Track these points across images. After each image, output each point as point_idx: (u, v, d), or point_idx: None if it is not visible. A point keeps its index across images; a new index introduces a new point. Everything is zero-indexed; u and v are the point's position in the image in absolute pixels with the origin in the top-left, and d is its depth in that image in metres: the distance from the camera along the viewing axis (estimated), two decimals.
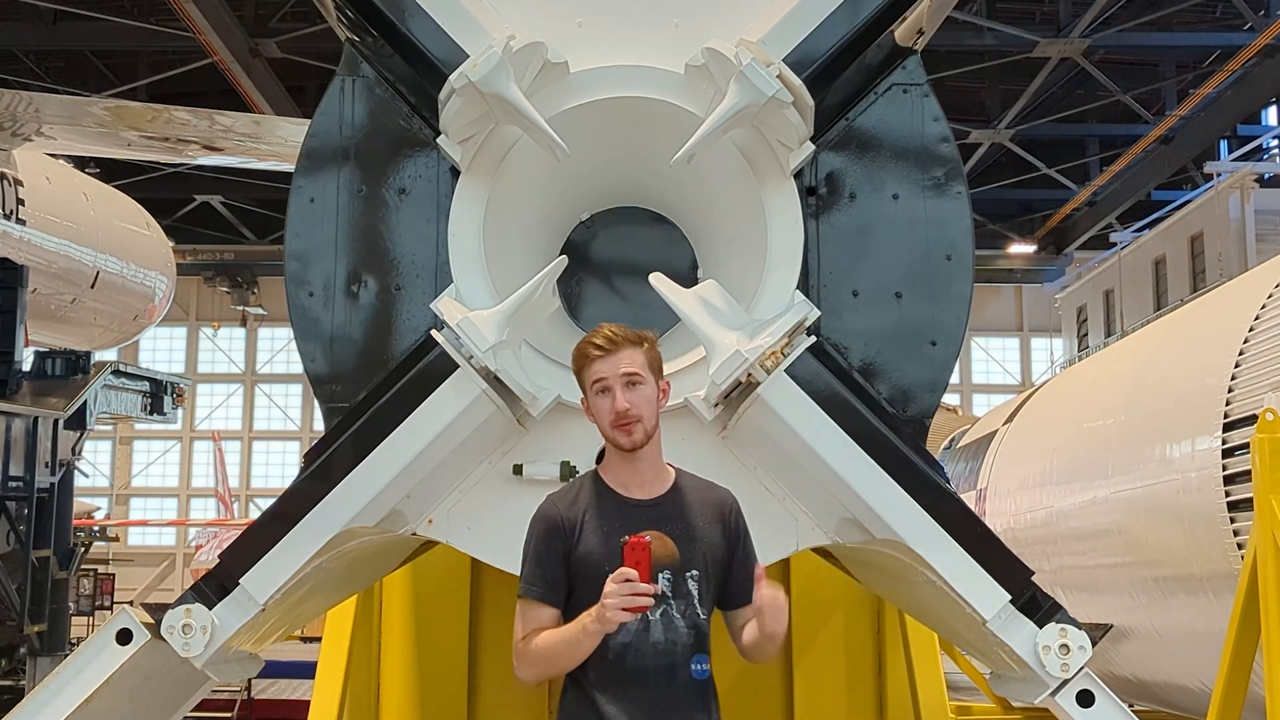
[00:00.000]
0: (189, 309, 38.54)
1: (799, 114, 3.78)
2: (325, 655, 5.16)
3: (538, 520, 3.32)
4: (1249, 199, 18.15)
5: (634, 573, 2.99)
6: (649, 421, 3.23)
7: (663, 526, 3.22)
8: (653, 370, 3.27)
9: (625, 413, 3.20)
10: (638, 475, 3.29)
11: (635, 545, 3.01)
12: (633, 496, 3.28)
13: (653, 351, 3.31)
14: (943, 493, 3.76)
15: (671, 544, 3.21)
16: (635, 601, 2.99)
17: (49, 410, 12.79)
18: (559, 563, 3.24)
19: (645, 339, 3.30)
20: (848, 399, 3.79)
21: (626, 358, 3.23)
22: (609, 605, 2.99)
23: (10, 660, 12.41)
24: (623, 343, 3.24)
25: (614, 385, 3.22)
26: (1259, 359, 6.31)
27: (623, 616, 3.01)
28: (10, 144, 12.81)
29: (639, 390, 3.22)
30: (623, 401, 3.20)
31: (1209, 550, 6.32)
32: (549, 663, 3.22)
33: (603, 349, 3.24)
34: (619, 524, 3.20)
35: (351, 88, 4.06)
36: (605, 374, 3.23)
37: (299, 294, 3.98)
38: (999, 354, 39.20)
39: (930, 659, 5.51)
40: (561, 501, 3.33)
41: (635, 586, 2.98)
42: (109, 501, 38.10)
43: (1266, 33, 21.41)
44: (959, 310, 3.99)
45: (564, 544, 3.25)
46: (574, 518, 3.26)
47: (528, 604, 3.28)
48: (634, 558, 3.00)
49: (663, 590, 3.16)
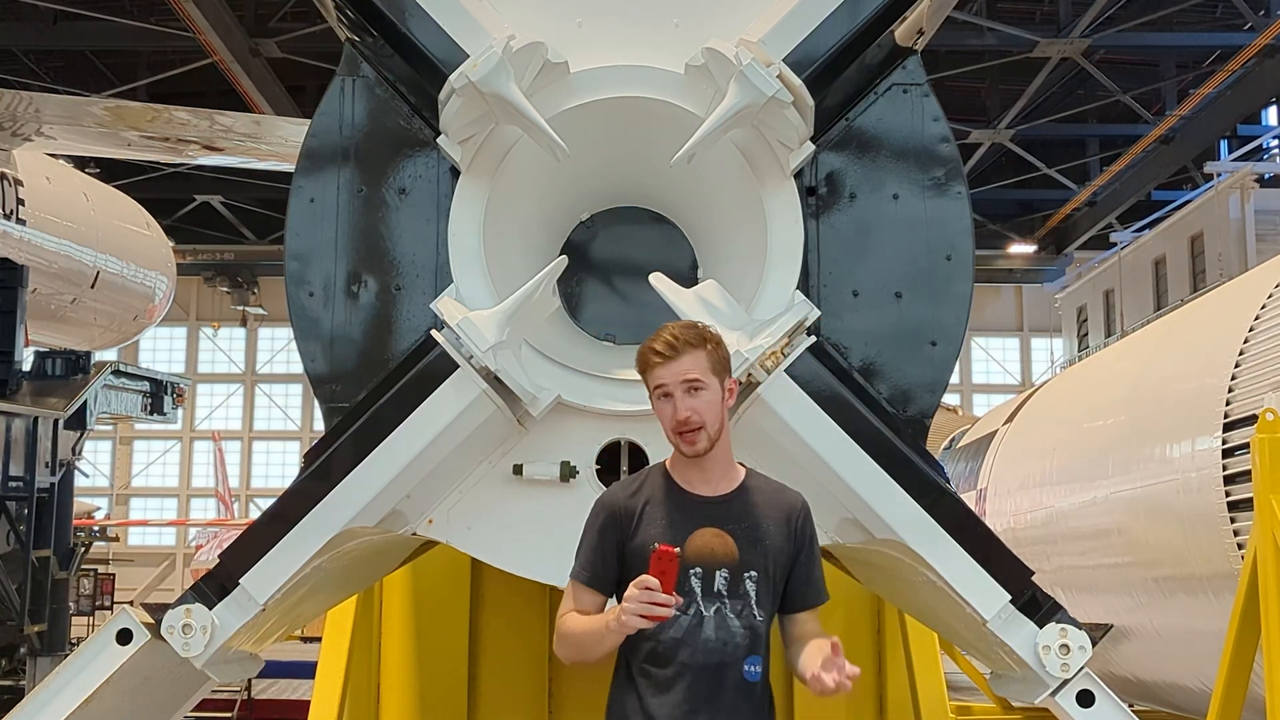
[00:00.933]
0: (189, 309, 38.54)
1: (799, 114, 3.78)
2: (325, 655, 5.16)
3: (598, 506, 3.30)
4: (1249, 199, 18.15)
5: (656, 582, 2.96)
6: (712, 427, 3.19)
7: (725, 525, 3.20)
8: (716, 372, 3.21)
9: (686, 421, 3.17)
10: (704, 473, 3.26)
11: (663, 554, 2.98)
12: (697, 492, 3.25)
13: (717, 351, 3.24)
14: (943, 493, 3.76)
15: (731, 543, 3.17)
16: (653, 610, 2.96)
17: (49, 410, 12.80)
18: (612, 550, 3.23)
19: (709, 339, 3.23)
20: (848, 399, 3.79)
21: (688, 363, 3.17)
22: (626, 610, 2.98)
23: (10, 660, 12.42)
24: (684, 347, 3.18)
25: (675, 392, 3.17)
26: (1259, 359, 6.31)
27: (639, 623, 2.99)
28: (10, 144, 12.82)
29: (700, 396, 3.17)
30: (683, 410, 3.16)
31: (1209, 550, 6.32)
32: (577, 647, 3.21)
33: (663, 355, 3.19)
34: (680, 518, 3.18)
35: (351, 88, 4.06)
36: (666, 380, 3.18)
37: (299, 294, 3.98)
38: (999, 354, 39.20)
39: (930, 659, 5.51)
40: (624, 490, 3.31)
41: (655, 596, 2.95)
42: (109, 501, 38.10)
43: (1266, 33, 21.41)
44: (959, 310, 3.99)
45: (619, 533, 3.23)
46: (634, 508, 3.24)
47: (575, 585, 3.26)
48: (659, 567, 2.98)
49: (720, 589, 3.15)
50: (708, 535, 3.16)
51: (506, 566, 3.98)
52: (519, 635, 5.46)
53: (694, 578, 3.15)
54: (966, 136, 25.84)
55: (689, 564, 3.13)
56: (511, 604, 5.45)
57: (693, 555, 3.15)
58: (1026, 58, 23.31)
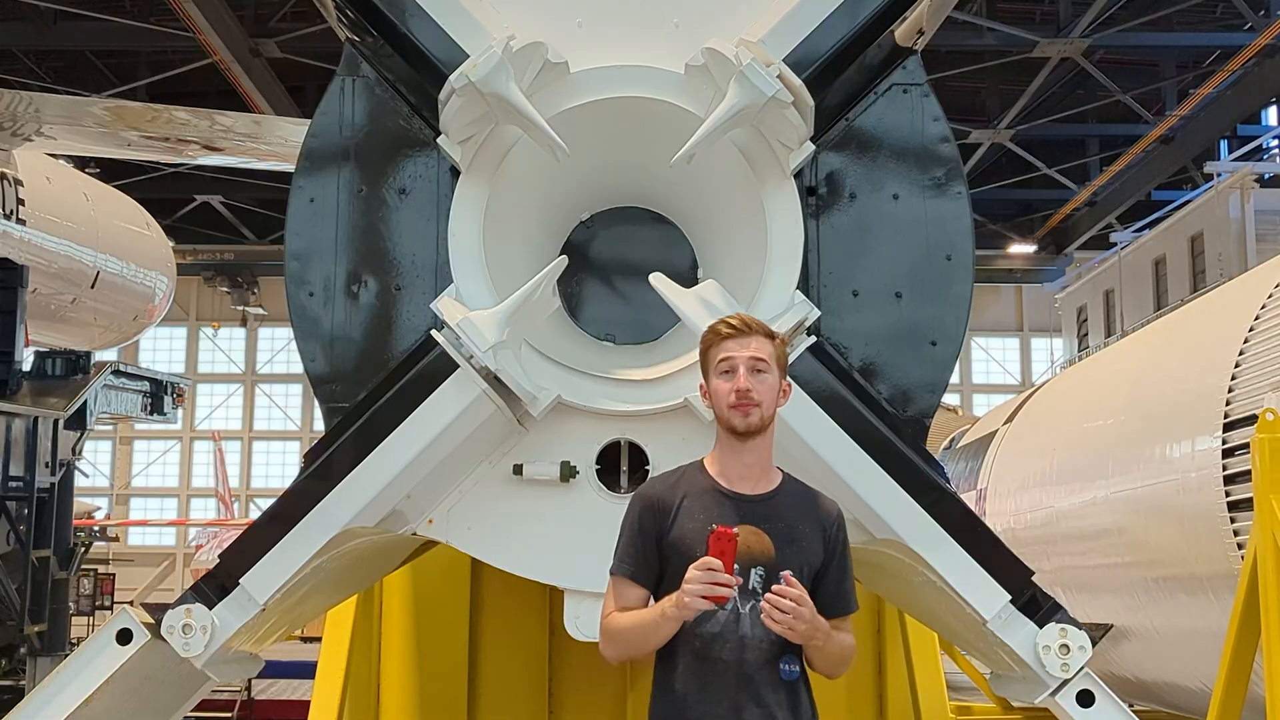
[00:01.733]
0: (189, 309, 38.55)
1: (799, 114, 3.78)
2: (325, 655, 5.16)
3: (636, 499, 3.31)
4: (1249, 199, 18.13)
5: (718, 562, 2.97)
6: (767, 410, 3.21)
7: (762, 524, 3.19)
8: (778, 364, 3.25)
9: (746, 393, 3.17)
10: (744, 469, 3.25)
11: (722, 535, 2.99)
12: (735, 489, 3.24)
13: (781, 350, 3.29)
14: (943, 493, 3.77)
15: (769, 541, 3.17)
16: (716, 591, 2.97)
17: (49, 410, 12.80)
18: (651, 543, 3.22)
19: (777, 335, 3.30)
20: (848, 399, 3.80)
21: (757, 344, 3.22)
22: (689, 592, 2.98)
23: (10, 660, 12.42)
24: (757, 330, 3.24)
25: (740, 366, 3.20)
26: (1259, 359, 6.32)
27: (702, 604, 3.00)
28: (10, 144, 12.82)
29: (763, 378, 3.20)
30: (746, 381, 3.18)
31: (1209, 550, 6.32)
32: (628, 642, 3.21)
33: (735, 329, 3.23)
34: (717, 514, 3.18)
35: (351, 88, 4.06)
36: (734, 353, 3.21)
37: (299, 294, 3.98)
38: (999, 354, 39.21)
39: (930, 659, 5.51)
40: (662, 484, 3.32)
41: (717, 576, 2.97)
42: (109, 501, 38.10)
43: (1266, 33, 21.42)
44: (959, 310, 3.98)
45: (658, 526, 3.23)
46: (671, 501, 3.24)
47: (617, 580, 3.25)
48: (719, 547, 2.98)
49: (755, 586, 3.14)
50: (745, 532, 3.15)
51: (506, 566, 3.98)
52: (519, 635, 5.46)
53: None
54: (966, 136, 25.85)
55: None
56: (511, 604, 5.45)
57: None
58: (1026, 58, 23.32)
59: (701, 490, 3.24)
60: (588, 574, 3.84)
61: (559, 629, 4.12)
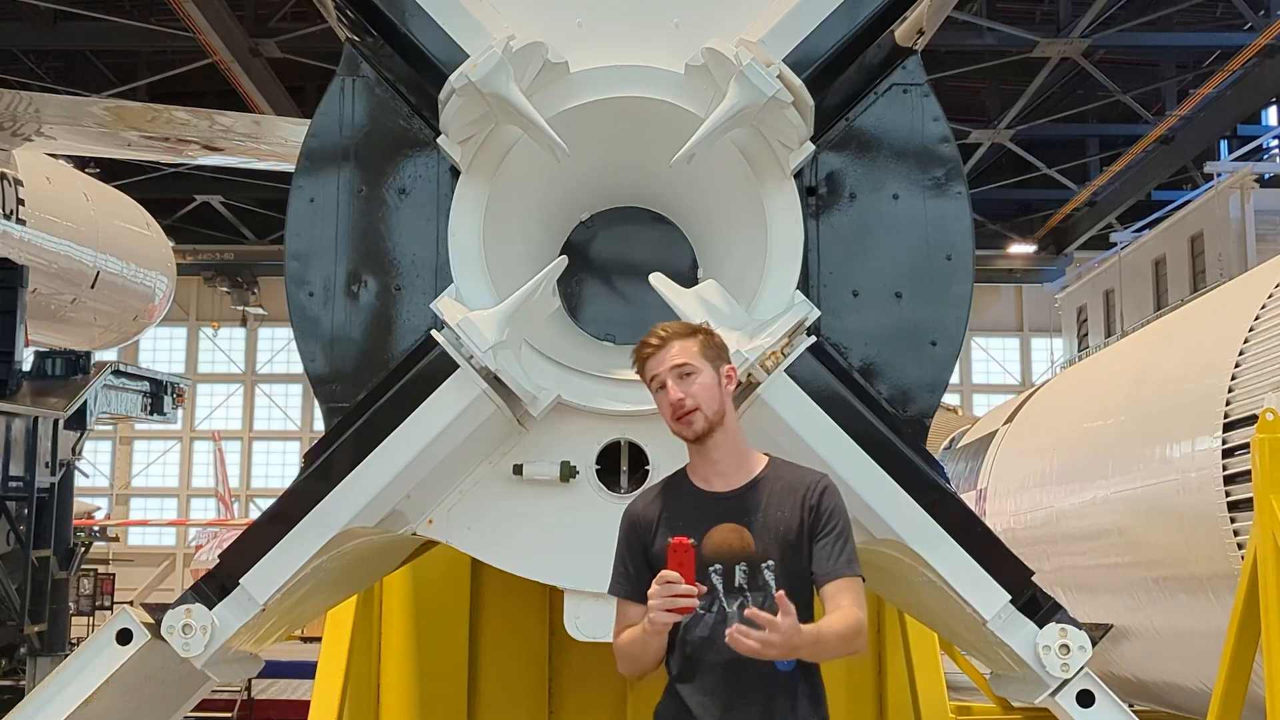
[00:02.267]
0: (189, 309, 38.54)
1: (799, 114, 3.77)
2: (325, 655, 5.16)
3: (622, 519, 3.34)
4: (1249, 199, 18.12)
5: (675, 575, 2.98)
6: (709, 409, 3.20)
7: (740, 518, 3.19)
8: (709, 358, 3.24)
9: (679, 403, 3.19)
10: (714, 466, 3.26)
11: (677, 546, 3.01)
12: (712, 489, 3.25)
13: (709, 339, 3.28)
14: (943, 493, 3.76)
15: (748, 535, 3.17)
16: (678, 603, 2.99)
17: (49, 410, 12.81)
18: (640, 560, 3.25)
19: (699, 330, 3.30)
20: (848, 399, 3.79)
21: (676, 349, 3.22)
22: (652, 608, 3.00)
23: (10, 660, 12.42)
24: (672, 337, 3.25)
25: (667, 379, 3.22)
26: (1259, 359, 6.32)
27: (668, 618, 3.01)
28: (10, 144, 12.82)
29: (693, 380, 3.20)
30: (676, 392, 3.20)
31: (1209, 550, 6.32)
32: (633, 659, 3.24)
33: (653, 346, 3.25)
34: (696, 516, 3.19)
35: (351, 88, 4.06)
36: (657, 370, 3.24)
37: (299, 294, 3.98)
38: (999, 354, 39.20)
39: (930, 659, 5.51)
40: (642, 500, 3.35)
41: (676, 588, 2.98)
42: (109, 501, 38.10)
43: (1266, 33, 21.42)
44: (959, 310, 3.98)
45: (642, 541, 3.26)
46: (652, 516, 3.27)
47: (619, 601, 3.30)
48: (676, 559, 3.00)
49: (741, 584, 3.15)
50: (724, 531, 3.17)
51: (506, 566, 3.98)
52: (519, 635, 5.46)
53: (714, 575, 3.16)
54: (966, 136, 25.85)
55: (708, 561, 3.14)
56: (511, 604, 5.45)
57: (710, 552, 3.16)
58: (1026, 58, 23.32)
59: (680, 497, 3.26)
60: (588, 574, 3.84)
61: (559, 629, 4.13)
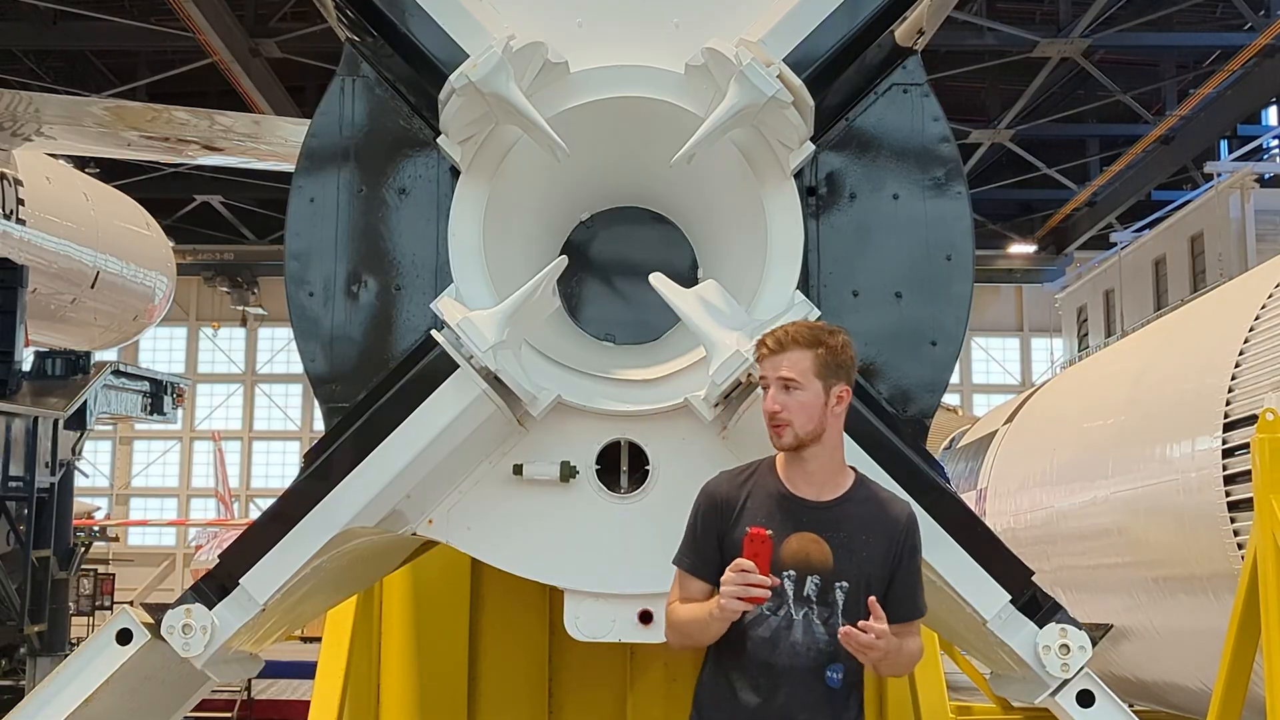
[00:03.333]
0: (189, 309, 38.54)
1: (799, 114, 3.77)
2: (325, 655, 5.16)
3: (703, 494, 3.33)
4: (1249, 199, 18.13)
5: (750, 564, 2.99)
6: (802, 427, 3.19)
7: (824, 531, 3.20)
8: (821, 375, 3.21)
9: (774, 415, 3.20)
10: (806, 475, 3.26)
11: (755, 537, 3.01)
12: (800, 495, 3.25)
13: (830, 356, 3.24)
14: (943, 493, 3.76)
15: (827, 550, 3.18)
16: (750, 593, 3.00)
17: (49, 410, 12.81)
18: (713, 539, 3.25)
19: (824, 343, 3.24)
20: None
21: (789, 360, 3.21)
22: (724, 594, 3.01)
23: (10, 660, 12.43)
24: (791, 345, 3.23)
25: (772, 386, 3.22)
26: (1259, 359, 6.32)
27: (739, 606, 3.02)
28: (10, 144, 12.82)
29: (794, 395, 3.19)
30: (772, 403, 3.20)
31: (1209, 550, 6.32)
32: (687, 634, 3.25)
33: (769, 349, 3.25)
34: (779, 517, 3.19)
35: (351, 88, 4.06)
36: (765, 373, 3.24)
37: (299, 294, 3.98)
38: (999, 354, 39.21)
39: (930, 659, 5.50)
40: (730, 480, 3.33)
41: (750, 578, 2.99)
42: (109, 501, 38.10)
43: (1266, 33, 21.42)
44: (959, 310, 3.98)
45: (720, 523, 3.25)
46: (736, 499, 3.26)
47: (680, 572, 3.30)
48: (753, 549, 3.00)
49: (810, 594, 3.16)
50: (805, 540, 3.17)
51: (506, 566, 3.98)
52: (519, 635, 5.46)
53: (787, 580, 3.16)
54: (966, 136, 25.85)
55: (783, 566, 3.14)
56: (511, 604, 5.44)
57: (788, 558, 3.16)
58: (1026, 58, 23.32)
59: (766, 492, 3.26)
60: (588, 574, 3.84)
61: (559, 629, 4.12)
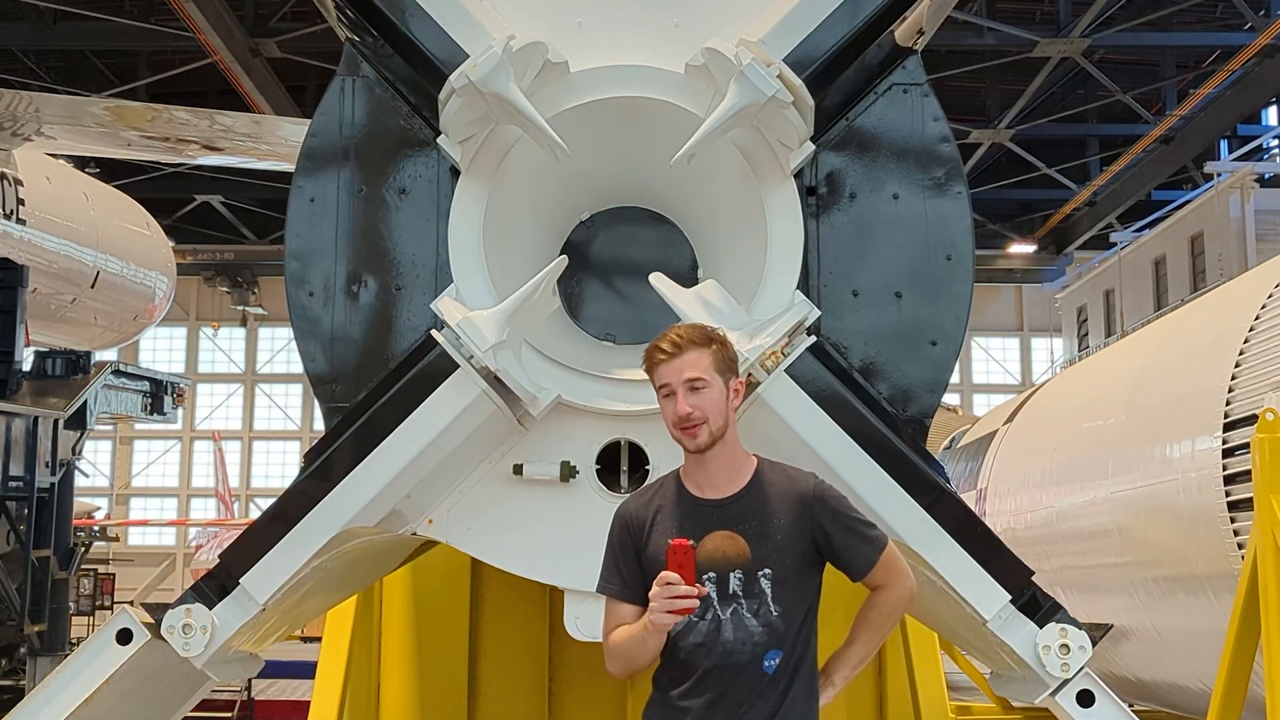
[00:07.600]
0: (189, 309, 38.53)
1: (799, 114, 3.77)
2: (325, 655, 5.16)
3: (614, 519, 3.34)
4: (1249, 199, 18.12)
5: (675, 576, 2.99)
6: (715, 423, 3.20)
7: (735, 525, 3.20)
8: (720, 370, 3.23)
9: (687, 417, 3.19)
10: (709, 476, 3.27)
11: (677, 548, 3.02)
12: (706, 496, 3.26)
13: (722, 350, 3.26)
14: (943, 493, 3.76)
15: (743, 543, 3.18)
16: (678, 604, 3.00)
17: (49, 410, 12.80)
18: (632, 561, 3.25)
19: (715, 339, 3.27)
20: (848, 399, 3.79)
21: (691, 361, 3.21)
22: (653, 609, 3.02)
23: (10, 660, 12.42)
24: (688, 345, 3.22)
25: (677, 390, 3.21)
26: (1259, 359, 6.32)
27: (668, 619, 3.03)
28: (10, 144, 12.82)
29: (702, 394, 3.19)
30: (684, 406, 3.19)
31: (1209, 550, 6.33)
32: (626, 659, 3.24)
33: (666, 353, 3.23)
34: (689, 524, 3.19)
35: (351, 88, 4.06)
36: (669, 379, 3.22)
37: (299, 294, 3.98)
38: (999, 354, 39.19)
39: (930, 659, 5.50)
40: (636, 501, 3.34)
41: (676, 589, 2.99)
42: (109, 501, 38.08)
43: (1266, 33, 21.42)
44: (959, 310, 3.98)
45: (635, 541, 3.26)
46: (645, 517, 3.27)
47: (608, 600, 3.30)
48: (676, 560, 3.01)
49: (735, 590, 3.16)
50: (719, 539, 3.17)
51: (506, 566, 3.98)
52: (519, 635, 5.46)
53: (708, 582, 3.16)
54: (966, 136, 25.84)
55: (701, 569, 3.14)
56: (511, 604, 5.45)
57: (705, 560, 3.15)
58: (1026, 58, 23.32)
59: (673, 503, 3.27)
60: (588, 574, 3.82)
61: (559, 629, 4.13)
